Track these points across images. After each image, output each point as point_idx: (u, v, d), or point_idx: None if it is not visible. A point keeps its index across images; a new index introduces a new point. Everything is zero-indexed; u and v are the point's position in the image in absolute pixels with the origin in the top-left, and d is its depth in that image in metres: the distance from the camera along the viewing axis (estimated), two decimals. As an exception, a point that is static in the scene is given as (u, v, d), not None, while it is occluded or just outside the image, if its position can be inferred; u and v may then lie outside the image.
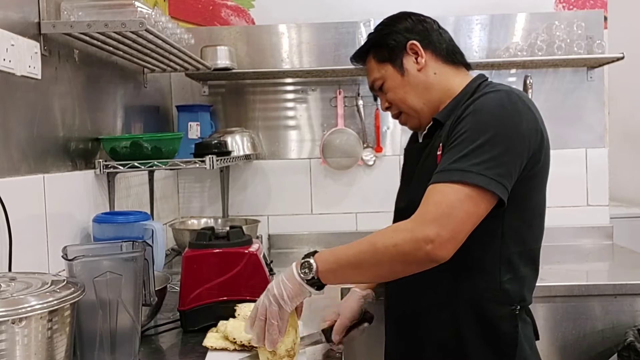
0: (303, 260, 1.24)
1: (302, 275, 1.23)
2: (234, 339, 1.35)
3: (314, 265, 1.23)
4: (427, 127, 1.49)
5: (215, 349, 1.36)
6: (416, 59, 1.48)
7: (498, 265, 1.31)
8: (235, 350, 1.35)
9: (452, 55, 1.50)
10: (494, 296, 1.32)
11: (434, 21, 1.54)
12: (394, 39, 1.49)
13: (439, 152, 1.35)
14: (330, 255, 1.25)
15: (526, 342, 1.35)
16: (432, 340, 1.39)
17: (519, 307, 1.33)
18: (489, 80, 1.48)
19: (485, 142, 1.24)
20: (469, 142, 1.25)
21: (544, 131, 1.34)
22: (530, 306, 1.41)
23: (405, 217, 1.46)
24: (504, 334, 1.32)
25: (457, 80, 1.48)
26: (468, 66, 1.53)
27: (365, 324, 1.52)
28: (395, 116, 1.57)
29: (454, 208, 1.20)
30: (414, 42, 1.48)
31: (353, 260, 1.24)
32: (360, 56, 1.58)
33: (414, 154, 1.52)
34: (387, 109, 1.57)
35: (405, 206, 1.48)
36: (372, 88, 1.58)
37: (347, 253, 1.25)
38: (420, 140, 1.54)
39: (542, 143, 1.32)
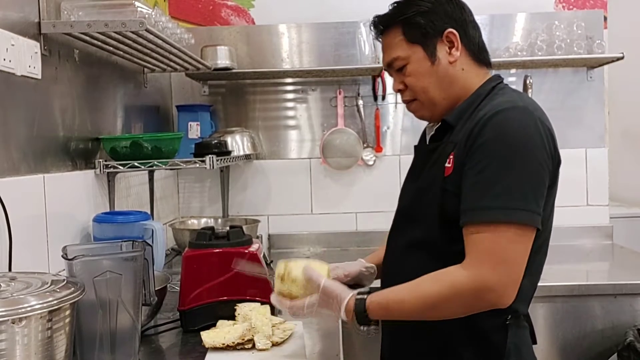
0: (359, 315, 1.26)
1: (358, 325, 1.27)
2: (223, 343, 1.36)
3: (373, 326, 1.28)
4: (436, 128, 1.42)
5: (215, 348, 1.36)
6: (450, 49, 1.36)
7: None
8: (233, 348, 1.36)
9: (481, 53, 1.41)
10: None
11: (470, 11, 1.42)
12: (431, 20, 1.35)
13: (447, 165, 1.30)
14: (382, 312, 1.27)
15: (521, 348, 1.32)
16: (423, 345, 1.38)
17: (510, 316, 1.30)
18: (503, 82, 1.42)
19: (520, 171, 1.21)
20: (502, 172, 1.20)
21: (557, 144, 1.31)
22: (529, 309, 1.39)
23: (403, 218, 1.45)
24: (493, 343, 1.30)
25: (477, 80, 1.39)
26: (490, 65, 1.45)
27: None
28: (406, 101, 1.44)
29: (507, 252, 1.19)
30: (453, 31, 1.35)
31: (408, 318, 1.30)
32: (383, 25, 1.42)
33: (421, 154, 1.47)
34: (399, 91, 1.44)
35: (403, 207, 1.47)
36: (389, 66, 1.43)
37: (400, 313, 1.27)
38: (428, 140, 1.47)
39: (558, 159, 1.31)
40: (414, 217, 1.40)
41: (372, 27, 1.46)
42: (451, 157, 1.30)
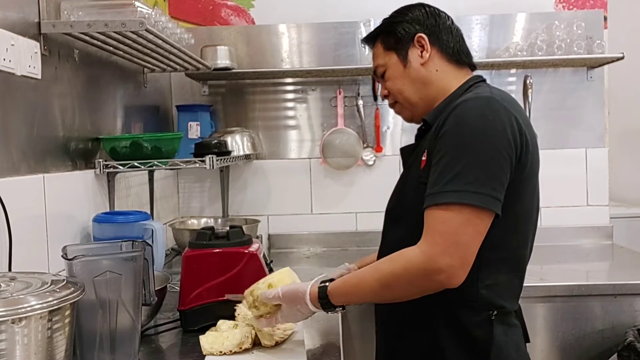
0: (322, 301, 1.32)
1: (318, 306, 1.33)
2: (221, 352, 1.35)
3: (332, 307, 1.33)
4: (418, 129, 1.50)
5: (212, 354, 1.36)
6: (421, 52, 1.47)
7: (476, 271, 1.27)
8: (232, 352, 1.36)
9: (457, 55, 1.48)
10: (470, 301, 1.30)
11: (448, 17, 1.52)
12: (403, 28, 1.48)
13: (423, 158, 1.35)
14: (343, 297, 1.32)
15: (510, 347, 1.33)
16: (411, 341, 1.39)
17: (495, 312, 1.30)
18: (485, 82, 1.46)
19: (474, 157, 1.24)
20: (457, 158, 1.24)
21: (529, 133, 1.32)
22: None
23: (389, 219, 1.50)
24: (478, 339, 1.31)
25: (455, 81, 1.46)
26: (473, 66, 1.52)
27: None
28: (391, 105, 1.57)
29: (458, 235, 1.21)
30: (422, 35, 1.46)
31: (368, 299, 1.36)
32: (370, 39, 1.58)
33: (405, 155, 1.53)
34: (385, 97, 1.57)
35: (391, 207, 1.51)
36: (374, 73, 1.58)
37: (359, 295, 1.32)
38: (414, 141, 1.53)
39: (527, 146, 1.30)
40: (399, 217, 1.45)
41: (362, 43, 1.62)
42: (426, 151, 1.35)
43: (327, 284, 1.33)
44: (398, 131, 2.91)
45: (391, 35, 1.50)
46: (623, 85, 3.21)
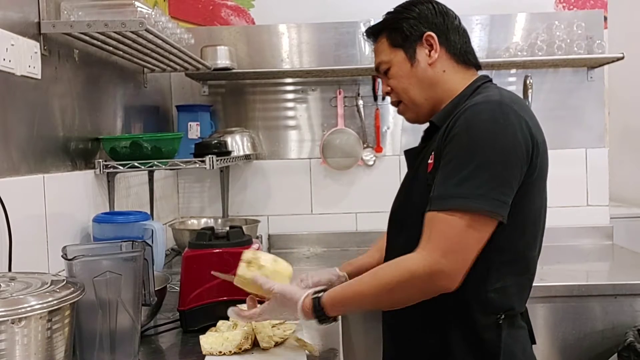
0: (318, 314, 1.29)
1: (311, 317, 1.30)
2: (220, 352, 1.35)
3: (327, 318, 1.31)
4: (425, 130, 1.47)
5: (212, 354, 1.35)
6: (429, 52, 1.43)
7: (485, 274, 1.27)
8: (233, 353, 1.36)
9: (464, 55, 1.45)
10: (479, 305, 1.30)
11: (456, 16, 1.49)
12: (411, 25, 1.44)
13: (430, 161, 1.33)
14: (340, 307, 1.30)
15: (516, 349, 1.32)
16: (420, 345, 1.39)
17: (503, 315, 1.30)
18: (491, 81, 1.45)
19: (483, 162, 1.22)
20: (465, 163, 1.23)
21: (539, 136, 1.31)
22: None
23: (396, 221, 1.49)
24: (486, 342, 1.30)
25: (462, 82, 1.43)
26: (479, 67, 1.49)
27: None
28: (394, 104, 1.53)
29: (460, 240, 1.21)
30: (432, 34, 1.42)
31: (367, 307, 1.37)
32: (373, 34, 1.52)
33: (410, 157, 1.51)
34: (387, 94, 1.52)
35: (396, 209, 1.50)
36: (377, 69, 1.53)
37: (358, 303, 1.31)
38: (420, 142, 1.51)
39: (538, 149, 1.29)
40: (404, 220, 1.43)
41: (364, 37, 1.57)
42: (433, 154, 1.33)
43: (320, 294, 1.30)
44: (398, 131, 2.91)
45: (398, 31, 1.45)
46: (623, 85, 3.21)
